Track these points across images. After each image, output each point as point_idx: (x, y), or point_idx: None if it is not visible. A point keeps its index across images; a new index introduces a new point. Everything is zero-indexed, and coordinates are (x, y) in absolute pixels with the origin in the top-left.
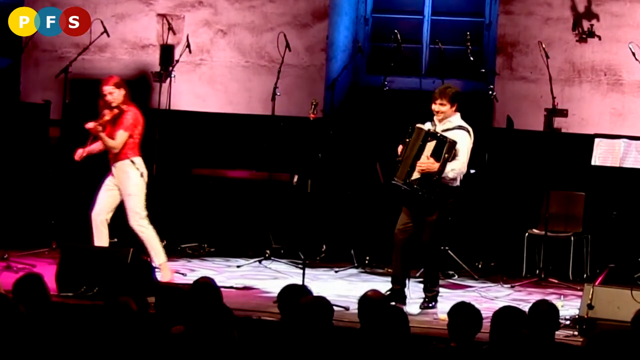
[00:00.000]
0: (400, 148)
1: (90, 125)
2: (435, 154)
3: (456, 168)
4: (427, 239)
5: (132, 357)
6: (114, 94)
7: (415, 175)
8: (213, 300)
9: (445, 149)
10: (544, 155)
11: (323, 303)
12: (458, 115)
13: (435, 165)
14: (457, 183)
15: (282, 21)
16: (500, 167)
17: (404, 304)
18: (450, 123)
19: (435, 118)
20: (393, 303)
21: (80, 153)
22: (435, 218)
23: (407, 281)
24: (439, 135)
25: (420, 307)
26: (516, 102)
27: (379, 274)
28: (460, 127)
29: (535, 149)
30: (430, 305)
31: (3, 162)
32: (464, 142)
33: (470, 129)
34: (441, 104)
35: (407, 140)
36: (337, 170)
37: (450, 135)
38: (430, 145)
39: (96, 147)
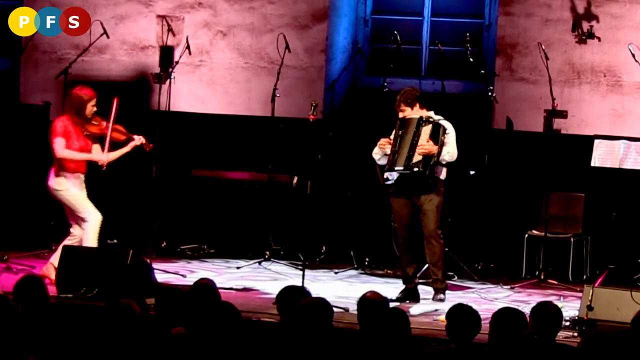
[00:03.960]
0: (383, 140)
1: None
2: (432, 137)
3: (451, 151)
4: (427, 230)
5: (133, 358)
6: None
7: (417, 158)
8: (213, 301)
9: (441, 131)
10: (543, 156)
11: (323, 304)
12: (432, 112)
13: (434, 148)
14: (444, 176)
15: (282, 22)
16: (499, 169)
17: (418, 301)
18: (431, 118)
19: None
20: (407, 301)
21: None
22: (433, 207)
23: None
24: (431, 120)
25: (433, 299)
26: (516, 103)
27: (379, 275)
28: (442, 119)
29: (535, 150)
30: (440, 297)
31: (3, 163)
32: (451, 129)
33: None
34: (402, 111)
35: (400, 132)
36: (336, 172)
37: None
38: (426, 129)
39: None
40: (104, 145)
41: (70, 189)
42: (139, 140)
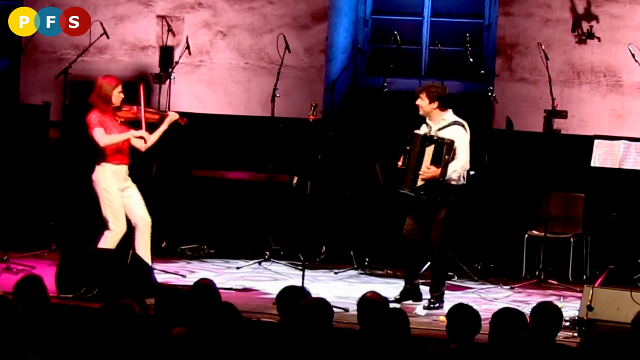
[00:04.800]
0: (402, 159)
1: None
2: (436, 157)
3: (458, 168)
4: (433, 238)
5: (133, 358)
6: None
7: (420, 182)
8: (213, 302)
9: (445, 151)
10: (543, 156)
11: (323, 304)
12: (450, 112)
13: (437, 172)
14: (462, 181)
15: (282, 22)
16: (499, 169)
17: (420, 300)
18: (444, 121)
19: (427, 119)
20: (409, 301)
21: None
22: (442, 217)
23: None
24: (435, 138)
25: (425, 308)
26: (516, 103)
27: (379, 276)
28: (455, 123)
29: (535, 151)
30: (436, 305)
31: (3, 163)
32: (462, 138)
33: (465, 123)
34: (420, 99)
35: (408, 147)
36: (336, 172)
37: (446, 132)
38: (429, 150)
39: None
40: (141, 128)
41: (110, 188)
42: (173, 115)
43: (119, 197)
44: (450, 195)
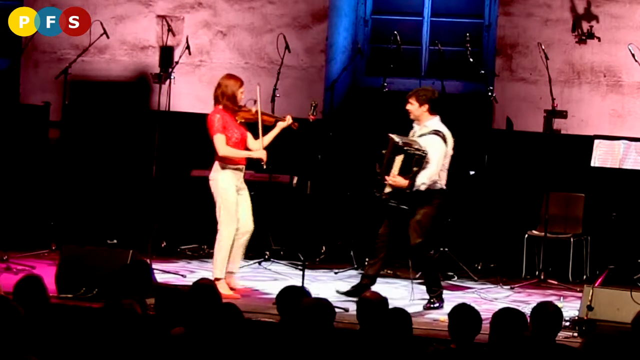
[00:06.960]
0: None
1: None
2: (405, 167)
3: (425, 180)
4: (411, 241)
5: (133, 358)
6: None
7: (388, 189)
8: (212, 302)
9: (413, 163)
10: (543, 156)
11: (325, 305)
12: (436, 119)
13: (404, 182)
14: (438, 186)
15: (282, 22)
16: (499, 169)
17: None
18: (425, 128)
19: (414, 122)
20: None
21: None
22: (418, 219)
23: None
24: (406, 149)
25: (425, 308)
26: (516, 103)
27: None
28: (434, 132)
29: (535, 151)
30: (436, 305)
31: (3, 163)
32: (435, 149)
33: (446, 133)
34: (410, 103)
35: (383, 151)
36: (336, 172)
37: (423, 140)
38: (399, 159)
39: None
40: (257, 131)
41: (229, 187)
42: (288, 119)
43: (236, 198)
44: (426, 199)
